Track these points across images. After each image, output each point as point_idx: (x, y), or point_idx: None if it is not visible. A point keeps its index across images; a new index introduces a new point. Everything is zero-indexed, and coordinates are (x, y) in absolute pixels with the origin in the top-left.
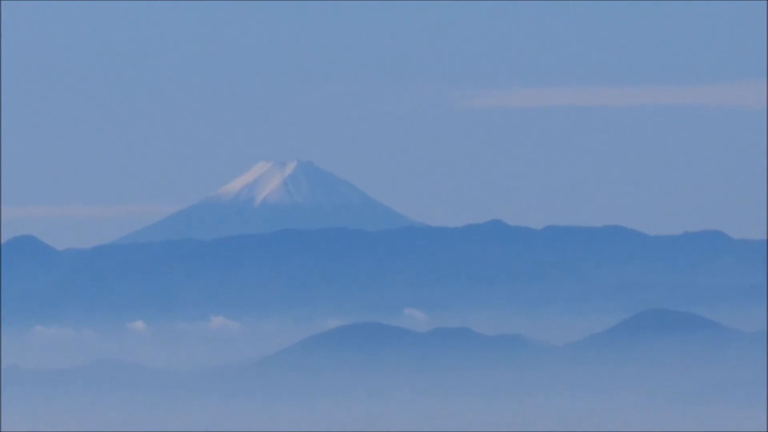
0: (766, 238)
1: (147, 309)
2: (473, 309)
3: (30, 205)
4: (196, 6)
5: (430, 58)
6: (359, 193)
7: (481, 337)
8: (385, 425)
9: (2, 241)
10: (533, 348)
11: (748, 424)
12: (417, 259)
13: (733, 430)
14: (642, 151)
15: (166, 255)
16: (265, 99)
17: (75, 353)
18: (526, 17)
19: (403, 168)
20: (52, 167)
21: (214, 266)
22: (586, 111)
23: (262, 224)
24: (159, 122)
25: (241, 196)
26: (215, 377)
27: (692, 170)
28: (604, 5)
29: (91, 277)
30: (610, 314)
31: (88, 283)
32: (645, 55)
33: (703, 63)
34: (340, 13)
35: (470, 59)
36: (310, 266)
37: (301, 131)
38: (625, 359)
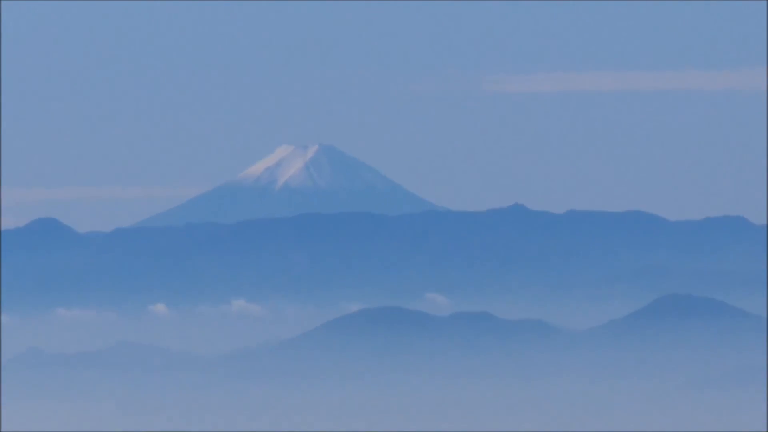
0: None
1: (168, 292)
2: (494, 293)
3: (53, 187)
4: None
5: (454, 43)
6: (381, 177)
7: (502, 322)
8: (406, 408)
9: (24, 224)
10: (554, 333)
11: None
12: (438, 243)
13: (755, 415)
14: (665, 136)
15: (188, 238)
16: (289, 82)
17: (96, 336)
18: (551, 3)
19: (426, 152)
20: (73, 149)
21: (236, 249)
22: (609, 96)
23: (283, 208)
24: (182, 106)
25: (262, 180)
26: (236, 360)
27: (714, 156)
28: None
29: (113, 260)
30: (631, 299)
31: (110, 265)
32: (671, 41)
33: (730, 47)
34: None
35: (494, 44)
36: (331, 250)
37: (323, 115)
38: (645, 345)
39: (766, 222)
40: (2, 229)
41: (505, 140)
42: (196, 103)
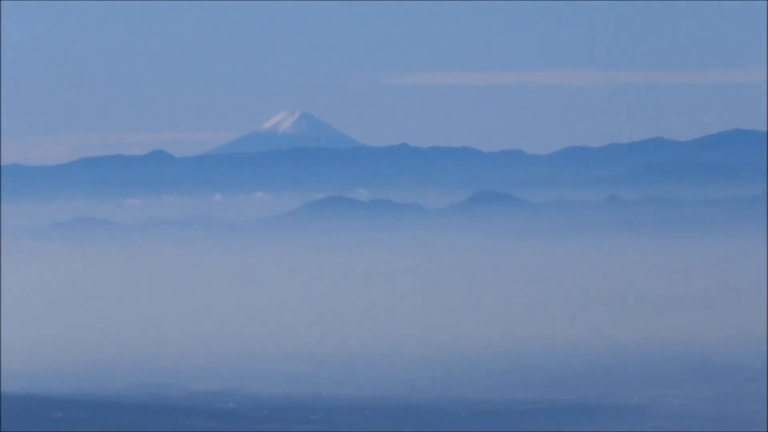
0: None
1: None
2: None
3: (160, 131)
4: None
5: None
6: (333, 129)
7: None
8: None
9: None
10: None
11: None
12: (364, 160)
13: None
14: None
15: (235, 160)
16: (284, 70)
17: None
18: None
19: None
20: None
21: (259, 165)
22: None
23: (282, 144)
24: (218, 84)
25: (271, 130)
26: (258, 222)
27: None
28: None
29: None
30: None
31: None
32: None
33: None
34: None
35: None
36: (307, 165)
37: (303, 95)
38: None
39: None
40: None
41: None
42: (228, 82)
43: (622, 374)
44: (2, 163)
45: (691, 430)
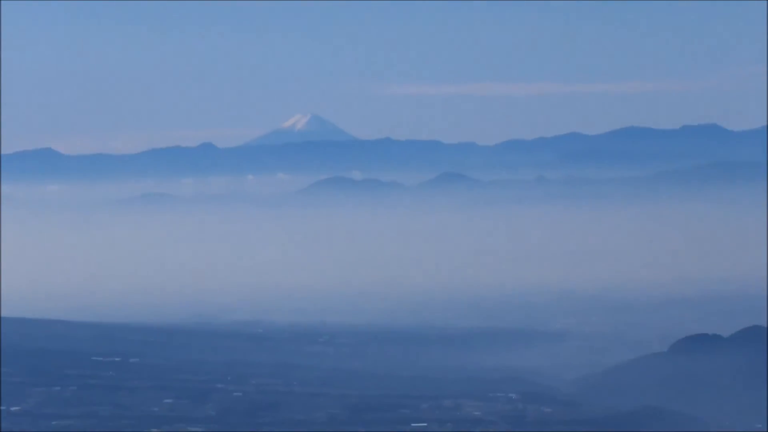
0: None
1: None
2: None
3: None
4: None
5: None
6: (334, 126)
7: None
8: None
9: (195, 145)
10: None
11: None
12: (356, 149)
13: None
14: None
15: (264, 150)
16: (299, 83)
17: None
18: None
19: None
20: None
21: (280, 152)
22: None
23: (297, 138)
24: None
25: (289, 127)
26: (280, 196)
27: None
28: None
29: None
30: None
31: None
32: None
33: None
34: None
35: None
36: (315, 154)
37: (314, 98)
38: None
39: None
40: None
41: None
42: (257, 91)
43: (547, 308)
44: (88, 153)
45: (601, 348)
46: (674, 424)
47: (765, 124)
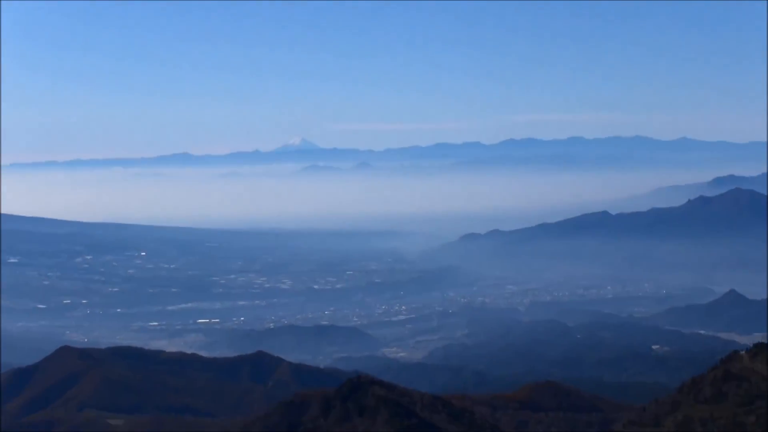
0: None
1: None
2: None
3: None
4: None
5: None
6: (320, 148)
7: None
8: None
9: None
10: None
11: None
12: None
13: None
14: None
15: (281, 158)
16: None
17: None
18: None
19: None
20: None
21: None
22: None
23: (292, 157)
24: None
25: (287, 146)
26: None
27: None
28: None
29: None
30: None
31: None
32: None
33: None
34: None
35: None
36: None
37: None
38: None
39: None
40: None
41: None
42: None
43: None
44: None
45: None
46: None
47: None
